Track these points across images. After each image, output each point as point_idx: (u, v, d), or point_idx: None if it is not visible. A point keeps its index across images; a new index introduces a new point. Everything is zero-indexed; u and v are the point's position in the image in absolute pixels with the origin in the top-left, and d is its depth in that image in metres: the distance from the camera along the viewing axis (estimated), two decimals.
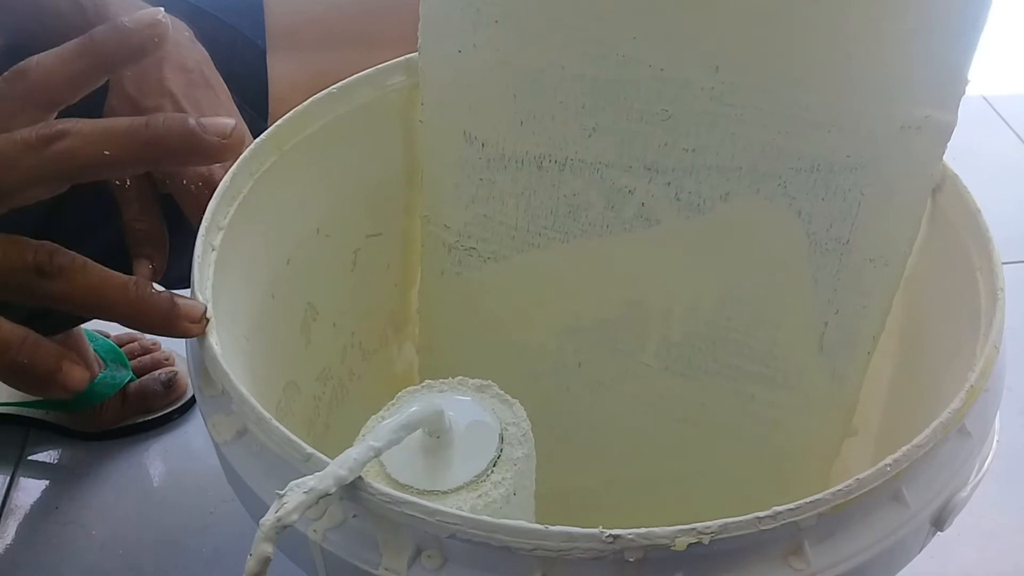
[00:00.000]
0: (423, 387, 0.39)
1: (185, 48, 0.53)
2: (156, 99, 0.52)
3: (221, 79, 0.55)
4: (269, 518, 0.29)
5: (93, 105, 0.54)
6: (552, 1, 0.45)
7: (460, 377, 0.40)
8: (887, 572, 0.34)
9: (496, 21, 0.47)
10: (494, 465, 0.36)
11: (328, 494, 0.30)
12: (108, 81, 0.53)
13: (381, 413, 0.39)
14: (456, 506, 0.35)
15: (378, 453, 0.33)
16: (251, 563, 0.29)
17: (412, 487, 0.35)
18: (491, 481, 0.36)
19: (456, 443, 0.36)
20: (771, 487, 0.52)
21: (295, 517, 0.30)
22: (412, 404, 0.36)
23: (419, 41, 0.49)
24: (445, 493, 0.35)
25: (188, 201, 0.50)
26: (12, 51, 0.57)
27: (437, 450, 0.36)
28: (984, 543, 0.72)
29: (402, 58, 0.51)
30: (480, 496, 0.35)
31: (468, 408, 0.38)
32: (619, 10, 0.44)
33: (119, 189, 0.53)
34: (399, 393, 0.39)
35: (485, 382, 0.39)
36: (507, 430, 0.38)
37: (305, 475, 0.32)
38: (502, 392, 0.39)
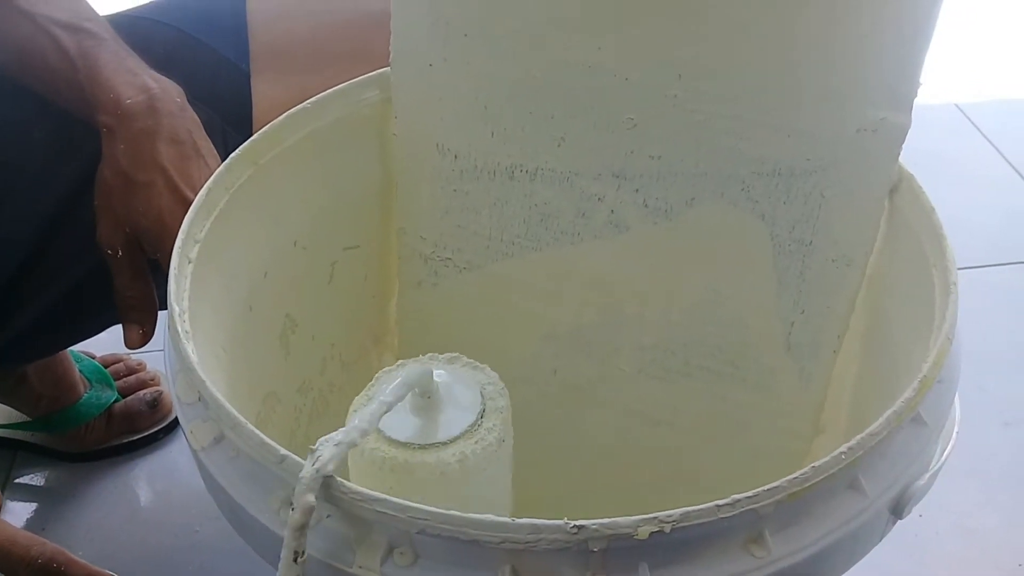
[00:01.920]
0: (398, 366, 0.41)
1: (177, 118, 0.54)
2: (149, 174, 0.53)
3: (212, 146, 0.56)
4: (308, 470, 0.31)
5: (88, 171, 0.55)
6: (519, 14, 0.47)
7: (430, 353, 0.42)
8: (848, 560, 0.35)
9: (465, 35, 0.48)
10: (482, 416, 0.39)
11: (355, 446, 0.33)
12: (101, 149, 0.54)
13: (364, 393, 0.41)
14: (459, 453, 0.38)
15: (389, 407, 0.35)
16: (296, 515, 0.31)
17: (412, 443, 0.38)
18: (484, 428, 0.39)
19: (444, 402, 0.39)
20: (744, 487, 0.53)
21: (331, 468, 0.32)
22: (402, 371, 0.38)
23: (391, 55, 0.51)
24: (445, 444, 0.38)
25: None
26: (0, 87, 0.58)
27: (428, 409, 0.39)
28: (966, 543, 0.73)
29: (375, 73, 0.52)
30: (477, 442, 0.38)
31: (446, 373, 0.41)
32: (584, 21, 0.46)
33: (111, 258, 0.54)
34: (376, 374, 0.41)
35: (453, 355, 0.42)
36: (485, 388, 0.41)
37: (280, 477, 0.33)
38: (471, 360, 0.42)
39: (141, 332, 0.56)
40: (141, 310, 0.56)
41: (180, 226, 0.51)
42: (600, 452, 0.57)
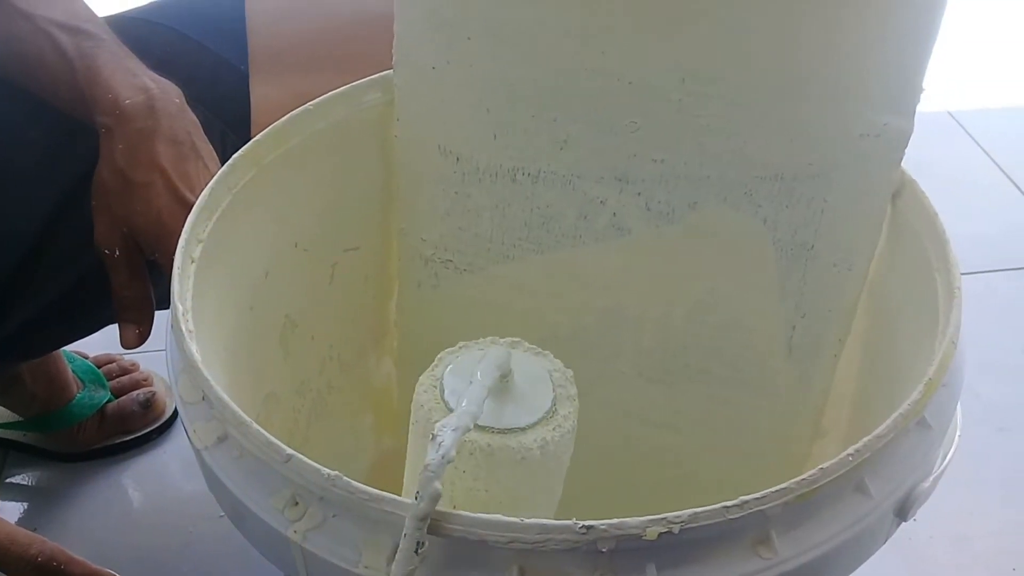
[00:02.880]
0: (460, 348, 0.41)
1: (176, 119, 0.54)
2: (147, 174, 0.53)
3: (211, 147, 0.56)
4: (434, 458, 0.31)
5: (84, 172, 0.55)
6: (522, 18, 0.47)
7: (491, 336, 0.42)
8: (853, 562, 0.35)
9: (468, 38, 0.48)
10: (555, 403, 0.39)
11: (469, 429, 0.34)
12: (98, 150, 0.54)
13: (429, 373, 0.40)
14: (539, 439, 0.37)
15: (490, 391, 0.36)
16: (423, 505, 0.30)
17: (492, 428, 0.38)
18: (560, 415, 0.39)
19: (517, 386, 0.39)
20: (744, 490, 0.53)
21: (454, 453, 0.32)
22: (471, 353, 0.38)
23: (394, 58, 0.51)
24: (524, 429, 0.38)
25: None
26: None
27: (502, 393, 0.38)
28: (959, 549, 0.73)
29: (378, 75, 0.52)
30: (555, 429, 0.38)
31: (513, 358, 0.40)
32: (588, 26, 0.46)
33: (108, 257, 0.54)
34: (439, 354, 0.41)
35: (515, 339, 0.42)
36: (553, 375, 0.40)
37: (285, 476, 0.33)
38: (533, 346, 0.42)
39: (137, 332, 0.56)
40: (138, 310, 0.56)
41: (179, 226, 0.51)
42: (599, 454, 0.57)
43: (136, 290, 0.55)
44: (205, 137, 0.56)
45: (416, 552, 0.30)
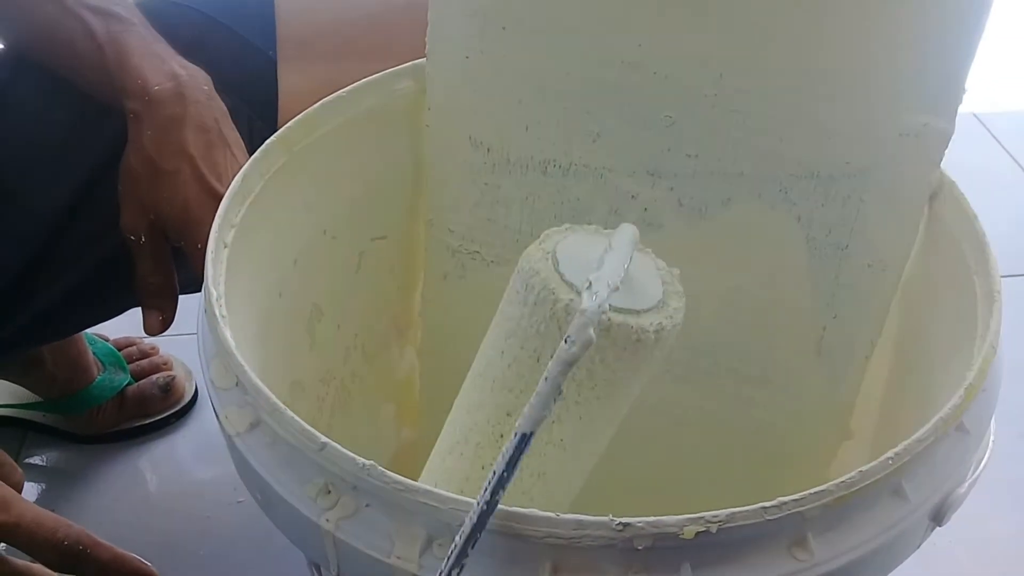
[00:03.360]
0: (566, 228, 0.39)
1: (204, 106, 0.54)
2: (175, 162, 0.53)
3: (238, 135, 0.56)
4: (591, 304, 0.30)
5: (108, 154, 0.55)
6: (558, 8, 0.46)
7: (595, 226, 0.40)
8: (887, 566, 0.35)
9: (503, 28, 0.48)
10: (664, 295, 0.38)
11: (617, 289, 0.32)
12: (122, 132, 0.53)
13: (539, 247, 0.38)
14: (656, 323, 0.36)
15: (629, 259, 0.34)
16: (574, 349, 0.29)
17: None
18: (671, 307, 0.37)
19: (630, 273, 0.36)
20: (769, 490, 0.53)
21: (608, 304, 0.31)
22: (592, 236, 0.37)
23: (427, 47, 0.50)
24: (639, 312, 0.36)
25: (200, 263, 0.51)
26: (22, 66, 0.58)
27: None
28: (979, 552, 0.73)
29: (409, 64, 0.52)
30: (668, 317, 0.37)
31: None
32: (624, 18, 0.45)
33: (134, 244, 0.54)
34: (545, 232, 0.39)
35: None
36: (660, 271, 0.39)
37: (319, 464, 0.33)
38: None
39: (161, 319, 0.56)
40: (162, 297, 0.56)
41: (205, 215, 0.51)
42: (623, 450, 0.56)
43: (161, 277, 0.55)
44: (233, 125, 0.56)
45: (555, 400, 0.29)
